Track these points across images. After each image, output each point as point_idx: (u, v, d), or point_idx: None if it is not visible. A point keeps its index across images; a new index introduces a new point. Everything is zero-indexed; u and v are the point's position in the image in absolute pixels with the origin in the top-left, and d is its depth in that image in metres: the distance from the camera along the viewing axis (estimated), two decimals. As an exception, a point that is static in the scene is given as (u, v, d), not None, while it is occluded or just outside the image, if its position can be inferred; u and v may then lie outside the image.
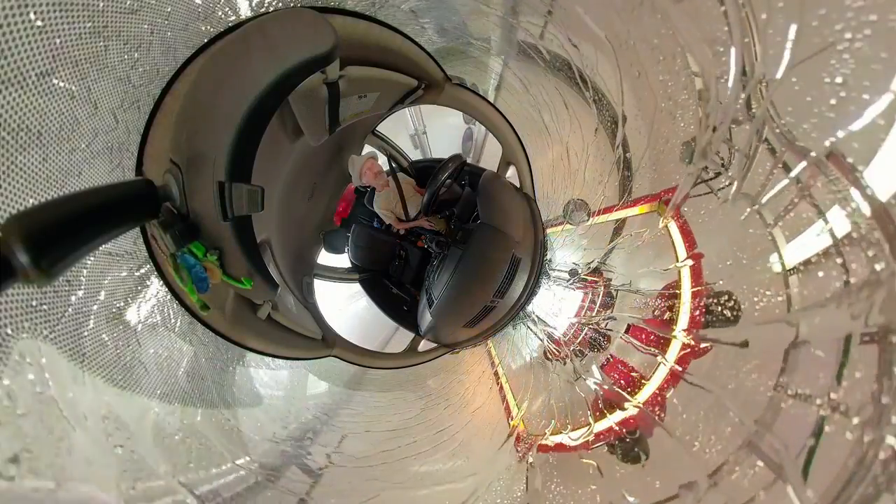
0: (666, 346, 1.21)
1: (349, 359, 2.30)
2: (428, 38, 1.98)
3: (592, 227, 1.87)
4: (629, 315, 1.49)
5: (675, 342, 1.18)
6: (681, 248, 1.24)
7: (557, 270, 2.22)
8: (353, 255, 3.18)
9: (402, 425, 1.88)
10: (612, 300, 1.66)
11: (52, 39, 0.85)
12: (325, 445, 1.58)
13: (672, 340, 1.19)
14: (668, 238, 1.30)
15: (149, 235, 1.25)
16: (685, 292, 1.19)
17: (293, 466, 1.37)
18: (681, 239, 1.25)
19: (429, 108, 2.72)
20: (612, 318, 1.60)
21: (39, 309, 0.85)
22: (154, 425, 1.08)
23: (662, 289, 1.32)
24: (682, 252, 1.24)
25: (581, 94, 1.64)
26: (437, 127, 3.92)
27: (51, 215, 0.63)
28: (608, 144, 1.62)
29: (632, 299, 1.52)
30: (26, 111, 0.83)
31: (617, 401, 1.29)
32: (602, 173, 1.73)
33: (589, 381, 1.50)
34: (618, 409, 1.27)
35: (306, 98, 1.52)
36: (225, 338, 1.48)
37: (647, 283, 1.45)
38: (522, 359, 2.19)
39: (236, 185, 0.97)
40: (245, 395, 1.63)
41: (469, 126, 3.97)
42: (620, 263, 1.68)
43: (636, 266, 1.56)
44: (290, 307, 2.02)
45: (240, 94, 0.96)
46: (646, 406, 1.19)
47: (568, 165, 2.03)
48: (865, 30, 0.68)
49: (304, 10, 1.13)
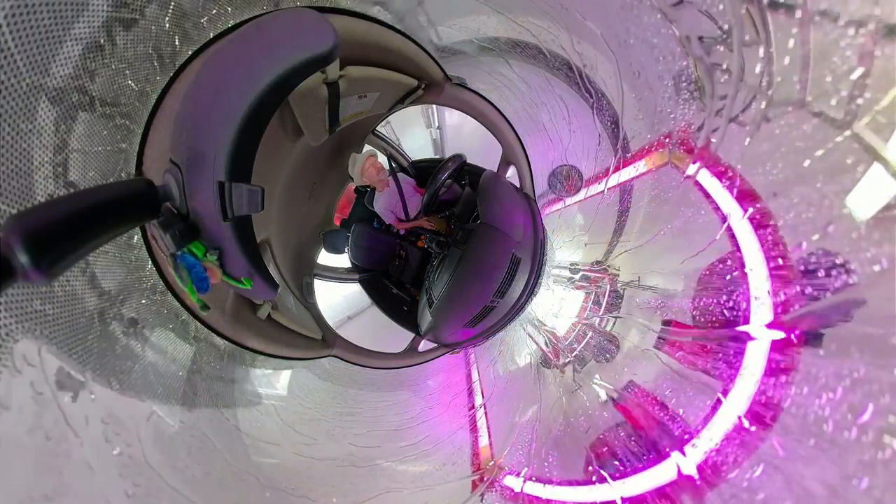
0: (731, 363, 0.73)
1: (349, 359, 2.30)
2: (428, 38, 1.98)
3: (595, 216, 1.72)
4: (643, 321, 1.15)
5: (755, 348, 0.70)
6: (725, 199, 0.82)
7: (558, 267, 2.19)
8: (353, 255, 3.18)
9: (402, 425, 1.88)
10: (619, 299, 1.43)
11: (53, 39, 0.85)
12: (326, 445, 1.58)
13: (746, 347, 0.71)
14: (695, 194, 0.92)
15: (149, 235, 1.25)
16: (754, 262, 0.74)
17: (293, 466, 1.37)
18: (721, 188, 0.84)
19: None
20: (616, 317, 1.41)
21: (39, 309, 0.85)
22: (154, 426, 1.08)
23: (704, 269, 0.92)
24: (728, 205, 0.82)
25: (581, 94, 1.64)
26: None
27: (51, 215, 0.63)
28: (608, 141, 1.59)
29: (645, 297, 1.23)
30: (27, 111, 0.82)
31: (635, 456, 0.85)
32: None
33: (596, 414, 1.12)
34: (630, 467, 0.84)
35: (306, 98, 1.52)
36: (225, 338, 1.48)
37: (663, 278, 1.16)
38: (515, 364, 2.16)
39: (236, 185, 0.97)
40: (245, 394, 1.63)
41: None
42: (629, 258, 1.47)
43: (647, 259, 1.28)
44: (290, 307, 2.02)
45: (240, 93, 0.95)
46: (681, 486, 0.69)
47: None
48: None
49: (304, 10, 1.13)
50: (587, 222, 1.93)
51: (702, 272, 0.93)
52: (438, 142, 3.93)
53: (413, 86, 1.94)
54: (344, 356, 2.26)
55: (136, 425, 1.00)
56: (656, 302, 1.17)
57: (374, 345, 2.49)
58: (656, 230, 1.23)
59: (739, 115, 0.83)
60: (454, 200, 2.86)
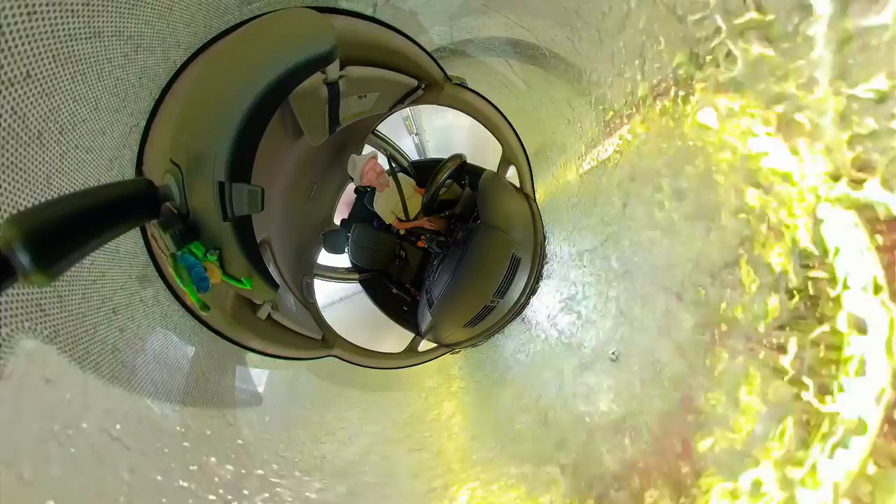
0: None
1: (349, 359, 2.30)
2: (427, 38, 1.98)
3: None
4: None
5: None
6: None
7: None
8: (354, 255, 3.18)
9: (402, 425, 1.88)
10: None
11: (53, 40, 0.85)
12: (326, 445, 1.58)
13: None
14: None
15: (149, 235, 1.25)
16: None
17: (295, 466, 1.37)
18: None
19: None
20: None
21: (39, 309, 0.85)
22: (154, 426, 1.08)
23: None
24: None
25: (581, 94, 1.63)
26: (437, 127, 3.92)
27: (51, 215, 0.63)
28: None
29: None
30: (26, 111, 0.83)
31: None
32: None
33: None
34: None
35: (306, 98, 1.52)
36: (225, 338, 1.48)
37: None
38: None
39: (236, 185, 0.97)
40: (245, 395, 1.63)
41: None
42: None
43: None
44: (290, 307, 2.02)
45: (240, 94, 0.95)
46: None
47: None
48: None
49: (304, 10, 1.13)
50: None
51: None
52: (421, 146, 3.95)
53: (413, 86, 1.94)
54: (344, 356, 2.26)
55: (136, 426, 1.01)
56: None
57: (374, 345, 2.50)
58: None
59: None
60: (454, 200, 2.86)
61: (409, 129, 3.79)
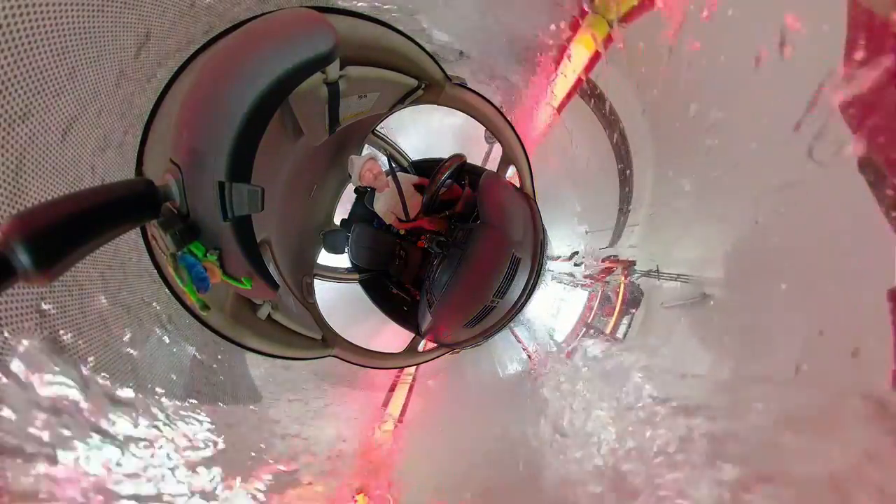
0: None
1: (349, 359, 2.29)
2: (428, 38, 1.97)
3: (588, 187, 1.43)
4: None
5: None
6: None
7: (558, 261, 2.12)
8: (354, 255, 3.18)
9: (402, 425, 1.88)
10: (640, 295, 1.16)
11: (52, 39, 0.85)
12: (326, 444, 1.58)
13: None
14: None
15: (149, 235, 1.25)
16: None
17: (295, 465, 1.37)
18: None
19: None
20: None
21: (39, 309, 0.85)
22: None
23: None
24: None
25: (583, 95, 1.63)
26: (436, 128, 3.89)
27: (51, 215, 0.63)
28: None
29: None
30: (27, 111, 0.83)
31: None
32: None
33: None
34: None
35: (306, 98, 1.51)
36: (225, 338, 1.48)
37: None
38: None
39: (236, 185, 0.97)
40: (245, 395, 1.63)
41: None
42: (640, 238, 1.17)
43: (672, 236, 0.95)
44: (290, 307, 2.02)
45: (240, 93, 0.95)
46: None
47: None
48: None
49: (304, 10, 1.13)
50: (584, 202, 1.76)
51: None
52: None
53: (413, 86, 1.94)
54: (344, 356, 2.26)
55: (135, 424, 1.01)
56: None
57: (374, 345, 2.49)
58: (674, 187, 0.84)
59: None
60: (454, 200, 2.86)
61: (487, 137, 3.46)
